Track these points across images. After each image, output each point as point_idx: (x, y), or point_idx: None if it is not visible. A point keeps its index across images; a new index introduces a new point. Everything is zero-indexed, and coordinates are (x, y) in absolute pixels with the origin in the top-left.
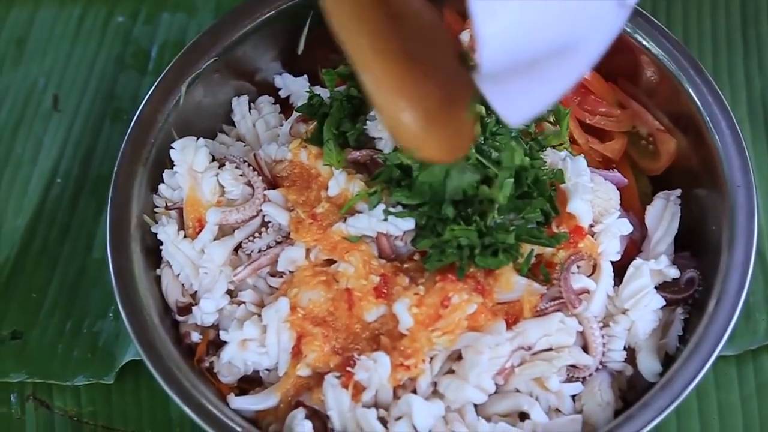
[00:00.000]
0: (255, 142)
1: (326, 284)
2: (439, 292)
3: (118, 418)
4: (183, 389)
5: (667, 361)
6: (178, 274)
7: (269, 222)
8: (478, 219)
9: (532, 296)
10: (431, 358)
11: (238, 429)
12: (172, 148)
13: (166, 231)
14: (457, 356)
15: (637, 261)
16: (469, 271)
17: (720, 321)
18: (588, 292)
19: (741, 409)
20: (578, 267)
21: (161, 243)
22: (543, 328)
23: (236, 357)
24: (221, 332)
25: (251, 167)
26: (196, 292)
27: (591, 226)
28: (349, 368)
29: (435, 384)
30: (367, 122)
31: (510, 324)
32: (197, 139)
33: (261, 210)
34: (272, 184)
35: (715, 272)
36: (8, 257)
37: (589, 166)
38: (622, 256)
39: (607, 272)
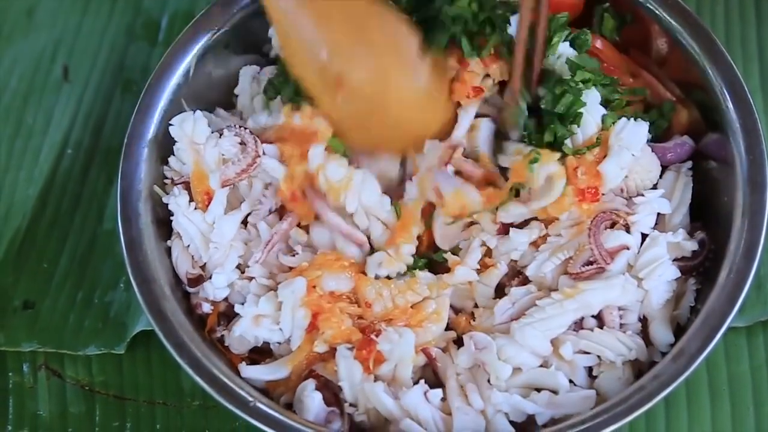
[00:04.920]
0: (250, 113)
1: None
2: None
3: (129, 387)
4: (194, 359)
5: (678, 331)
6: (188, 246)
7: (269, 183)
8: None
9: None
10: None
11: (249, 398)
12: (171, 125)
13: (178, 202)
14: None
15: (654, 233)
16: None
17: (730, 292)
18: (627, 248)
19: (751, 380)
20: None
21: (172, 214)
22: (605, 294)
23: (248, 332)
24: (236, 306)
25: (248, 130)
26: (205, 264)
27: (629, 198)
28: (373, 336)
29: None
30: None
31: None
32: (194, 111)
33: (257, 162)
34: None
35: (727, 244)
36: (19, 227)
37: None
38: None
39: (635, 241)
